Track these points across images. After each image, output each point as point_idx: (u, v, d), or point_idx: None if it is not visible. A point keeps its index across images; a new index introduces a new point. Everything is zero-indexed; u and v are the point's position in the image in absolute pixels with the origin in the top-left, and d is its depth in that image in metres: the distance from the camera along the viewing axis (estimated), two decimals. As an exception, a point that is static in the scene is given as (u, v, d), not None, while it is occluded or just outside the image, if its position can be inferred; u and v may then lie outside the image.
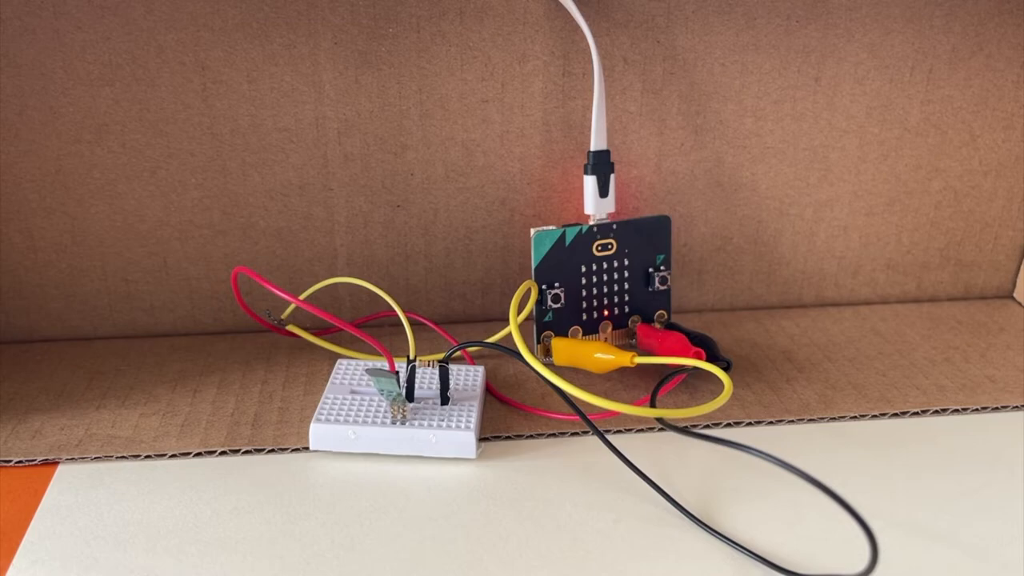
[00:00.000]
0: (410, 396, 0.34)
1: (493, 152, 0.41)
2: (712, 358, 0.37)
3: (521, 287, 0.37)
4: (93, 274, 0.41)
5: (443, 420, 0.33)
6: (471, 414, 0.34)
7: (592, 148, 0.39)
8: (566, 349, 0.37)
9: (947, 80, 0.42)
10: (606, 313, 0.41)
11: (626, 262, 0.40)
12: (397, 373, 0.33)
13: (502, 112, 0.40)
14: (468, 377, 0.37)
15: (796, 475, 0.26)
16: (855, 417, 0.36)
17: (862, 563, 0.25)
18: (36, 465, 0.33)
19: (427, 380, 0.36)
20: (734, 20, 0.40)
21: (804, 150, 0.43)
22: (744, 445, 0.28)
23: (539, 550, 0.29)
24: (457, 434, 0.33)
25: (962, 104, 0.43)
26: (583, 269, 0.39)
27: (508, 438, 0.35)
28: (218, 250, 0.42)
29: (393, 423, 0.33)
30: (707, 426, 0.36)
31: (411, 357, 0.35)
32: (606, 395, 0.32)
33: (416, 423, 0.33)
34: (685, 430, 0.31)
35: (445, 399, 0.34)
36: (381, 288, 0.38)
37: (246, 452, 0.34)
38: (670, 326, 0.41)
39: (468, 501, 0.31)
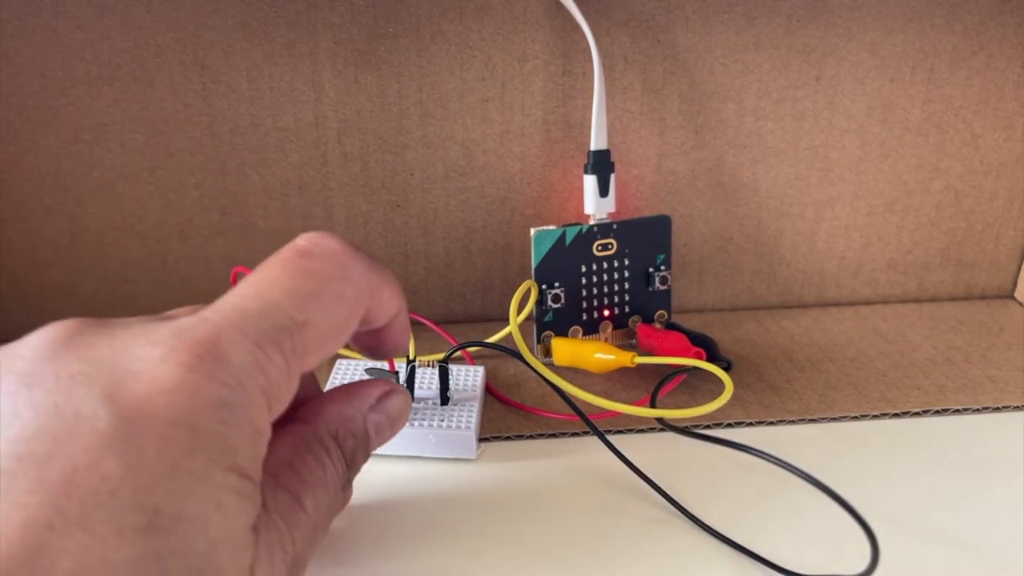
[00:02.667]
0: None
1: (493, 152, 0.41)
2: (712, 358, 0.37)
3: (521, 287, 0.37)
4: (93, 274, 0.41)
5: (443, 420, 0.33)
6: (471, 414, 0.34)
7: (592, 148, 0.39)
8: (566, 349, 0.37)
9: (948, 80, 0.42)
10: (606, 313, 0.41)
11: (626, 262, 0.40)
12: (397, 373, 0.33)
13: (502, 112, 0.40)
14: (468, 377, 0.37)
15: (796, 475, 0.26)
16: (855, 417, 0.36)
17: (862, 563, 0.25)
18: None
19: (427, 380, 0.36)
20: (734, 19, 0.39)
21: (805, 150, 0.43)
22: (744, 445, 0.28)
23: (539, 550, 0.29)
24: (457, 434, 0.33)
25: (963, 104, 0.43)
26: (583, 269, 0.39)
27: (508, 438, 0.35)
28: (218, 250, 0.41)
29: (393, 423, 0.33)
30: (707, 426, 0.36)
31: (411, 357, 0.35)
32: (606, 395, 0.32)
33: (416, 423, 0.33)
34: (685, 430, 0.31)
35: (445, 399, 0.34)
36: (381, 288, 0.38)
37: (246, 452, 0.34)
38: (670, 326, 0.41)
39: (468, 501, 0.31)
